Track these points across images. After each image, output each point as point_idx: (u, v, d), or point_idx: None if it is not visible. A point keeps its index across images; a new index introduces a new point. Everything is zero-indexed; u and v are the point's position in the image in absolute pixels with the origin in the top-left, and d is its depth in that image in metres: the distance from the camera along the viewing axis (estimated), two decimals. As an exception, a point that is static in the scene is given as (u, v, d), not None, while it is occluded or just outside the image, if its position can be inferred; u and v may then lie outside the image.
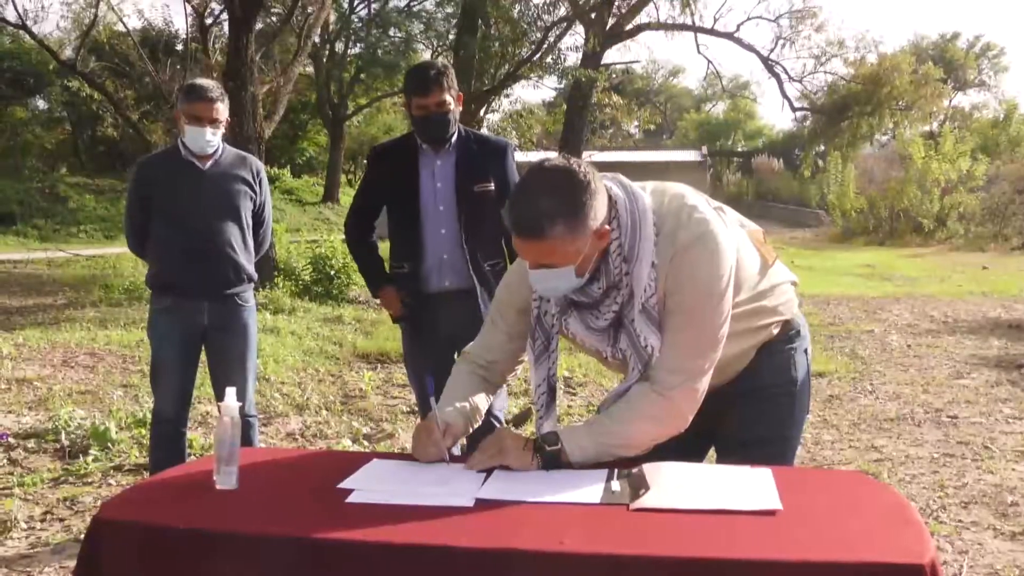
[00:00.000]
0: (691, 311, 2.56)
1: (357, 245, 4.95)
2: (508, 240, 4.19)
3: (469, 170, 4.50)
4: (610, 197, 2.56)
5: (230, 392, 2.50)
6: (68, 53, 23.76)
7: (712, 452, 3.09)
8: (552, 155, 2.61)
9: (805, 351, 2.95)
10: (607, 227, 2.52)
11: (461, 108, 4.52)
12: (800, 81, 31.33)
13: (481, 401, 2.92)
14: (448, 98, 4.37)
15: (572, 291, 2.61)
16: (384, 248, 4.83)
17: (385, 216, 4.80)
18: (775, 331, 2.85)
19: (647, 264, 2.54)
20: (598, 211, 2.48)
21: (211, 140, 4.69)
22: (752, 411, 2.85)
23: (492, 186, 4.51)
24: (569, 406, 7.79)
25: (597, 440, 2.60)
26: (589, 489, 2.42)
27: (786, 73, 27.71)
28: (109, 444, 6.34)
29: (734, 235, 2.70)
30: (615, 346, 2.66)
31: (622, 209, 2.56)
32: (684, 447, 2.72)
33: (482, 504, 2.33)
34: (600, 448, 2.60)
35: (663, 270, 2.55)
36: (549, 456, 2.58)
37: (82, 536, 4.69)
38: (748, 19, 29.00)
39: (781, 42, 28.08)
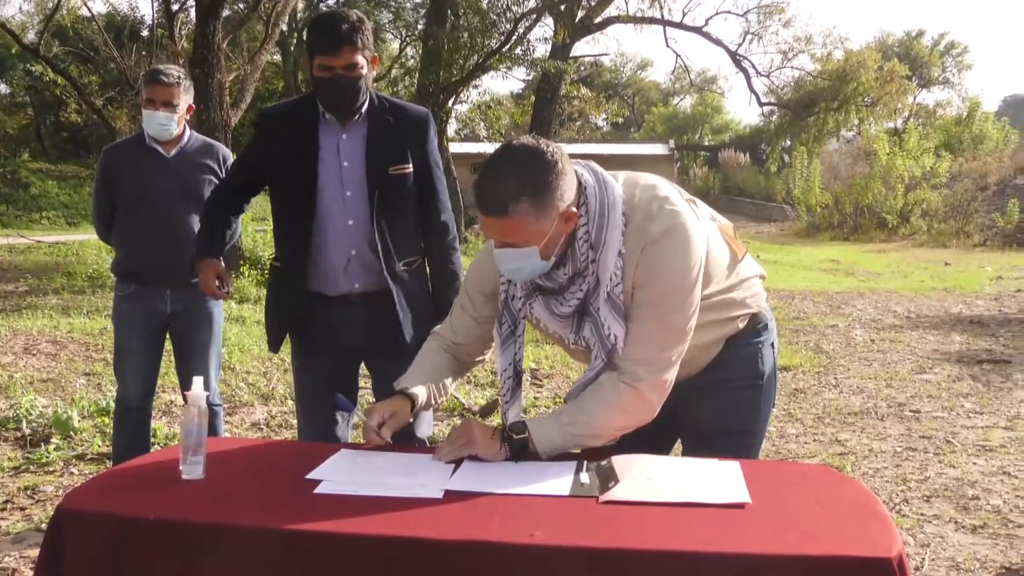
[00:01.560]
0: (660, 303, 2.56)
1: (213, 216, 4.11)
2: (430, 232, 3.84)
3: (383, 147, 3.65)
4: (580, 183, 2.57)
5: (197, 382, 2.48)
6: (31, 37, 23.50)
7: (678, 445, 3.11)
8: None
9: (772, 345, 2.96)
10: (574, 210, 2.52)
11: (375, 72, 3.73)
12: (767, 76, 31.56)
13: (448, 378, 2.94)
14: (361, 59, 3.49)
15: (538, 275, 2.61)
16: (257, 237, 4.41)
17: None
18: (742, 324, 2.86)
19: (614, 252, 2.54)
20: (565, 192, 2.49)
21: (165, 124, 4.66)
22: (718, 404, 2.86)
23: (410, 168, 3.70)
24: (536, 398, 7.79)
25: (565, 430, 2.61)
26: (558, 481, 2.43)
27: (754, 68, 27.98)
28: (71, 433, 6.30)
29: (705, 227, 2.71)
30: (578, 333, 2.67)
31: (591, 196, 2.57)
32: (650, 439, 2.73)
33: (451, 495, 2.33)
34: (567, 439, 2.61)
35: (632, 260, 2.55)
36: (517, 445, 2.58)
37: (43, 525, 4.68)
38: (717, 13, 29.39)
39: (749, 37, 28.31)
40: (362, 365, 3.94)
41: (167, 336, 4.93)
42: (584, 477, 2.46)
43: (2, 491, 5.32)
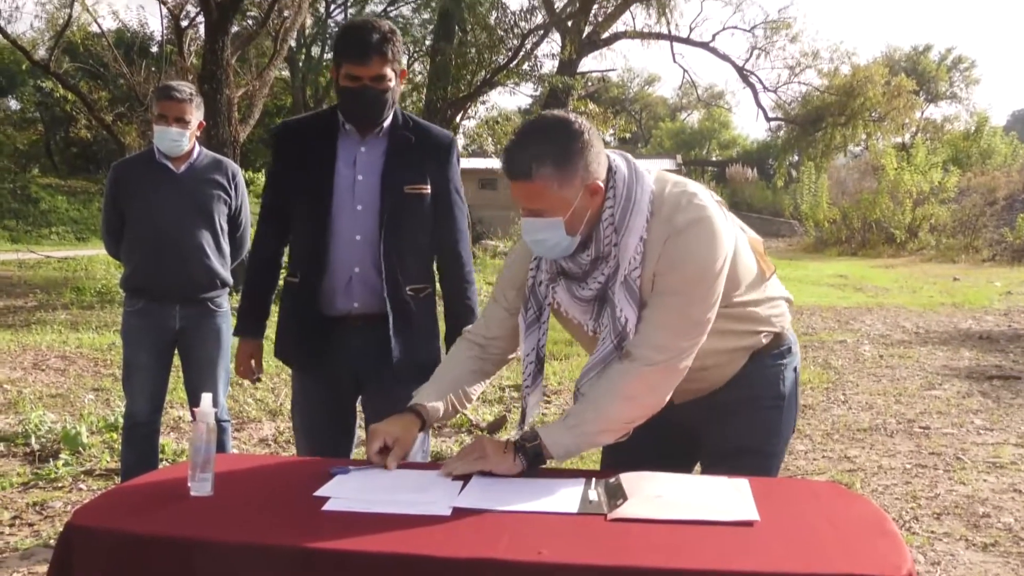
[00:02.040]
0: (680, 291, 2.56)
1: (264, 266, 3.82)
2: (444, 262, 3.69)
3: (401, 164, 3.49)
4: (611, 167, 2.60)
5: (206, 398, 2.48)
6: (41, 53, 23.69)
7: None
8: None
9: (795, 369, 2.94)
10: (600, 184, 2.55)
11: (402, 86, 3.58)
12: (775, 91, 31.64)
13: (472, 385, 2.94)
14: (390, 71, 3.37)
15: (563, 253, 2.61)
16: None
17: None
18: (765, 340, 2.85)
19: (636, 237, 2.56)
20: (591, 164, 2.53)
21: (177, 140, 4.68)
22: (740, 423, 2.84)
23: (428, 189, 3.53)
24: (543, 414, 7.78)
25: (574, 431, 2.60)
26: (567, 498, 2.41)
27: (761, 83, 28.03)
28: (80, 448, 6.29)
29: (733, 230, 2.71)
30: (597, 320, 2.67)
31: (619, 180, 2.59)
32: (671, 461, 2.72)
33: (459, 513, 2.32)
34: (579, 438, 2.60)
35: (654, 249, 2.56)
36: (531, 453, 2.57)
37: (52, 541, 4.68)
38: (723, 29, 29.36)
39: (756, 52, 28.38)
40: None
41: (176, 352, 4.92)
42: (592, 494, 2.44)
43: (11, 507, 5.31)
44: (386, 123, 3.51)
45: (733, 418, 2.82)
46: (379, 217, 3.45)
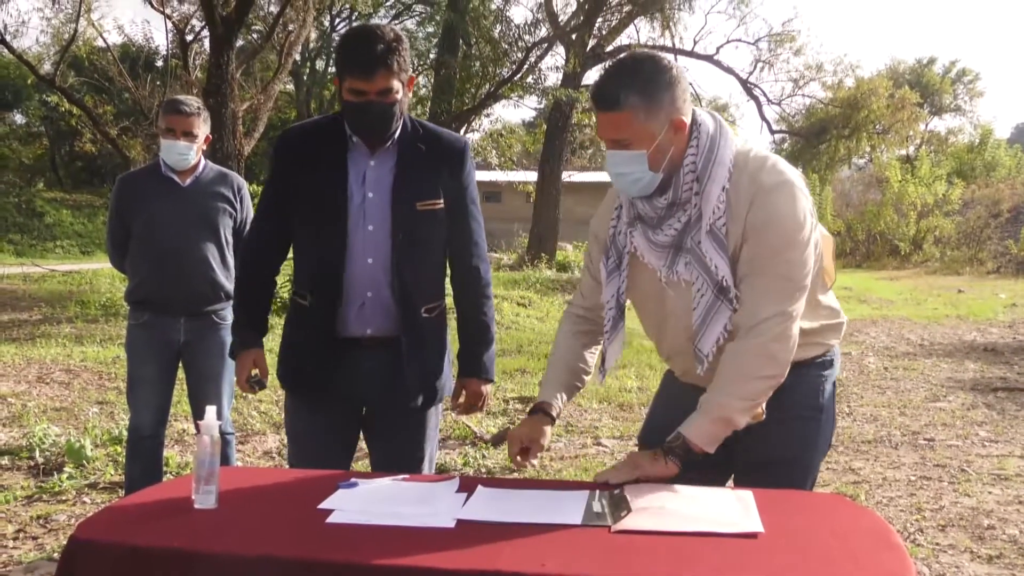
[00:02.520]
0: (777, 252, 2.60)
1: (250, 282, 3.52)
2: (460, 278, 3.50)
3: (413, 179, 3.27)
4: (695, 119, 2.65)
5: (210, 411, 2.49)
6: (47, 68, 23.93)
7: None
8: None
9: (834, 384, 2.94)
10: (685, 120, 2.60)
11: (411, 95, 3.29)
12: (779, 104, 31.67)
13: (586, 359, 3.09)
14: (397, 83, 3.12)
15: (643, 191, 2.66)
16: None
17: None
18: (812, 352, 2.85)
19: (718, 187, 2.60)
20: (677, 100, 2.59)
21: (184, 154, 4.70)
22: (776, 433, 2.81)
23: (441, 203, 3.31)
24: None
25: (714, 417, 2.64)
26: (571, 510, 2.42)
27: (765, 96, 28.04)
28: (84, 461, 6.28)
29: (813, 209, 2.74)
30: (671, 268, 2.71)
31: (703, 132, 2.65)
32: (706, 471, 2.72)
33: (463, 525, 2.32)
34: (718, 424, 2.64)
35: (740, 203, 2.60)
36: (679, 452, 2.63)
37: (55, 555, 4.69)
38: (728, 42, 29.52)
39: (760, 65, 28.40)
40: None
41: (180, 364, 4.93)
42: (596, 506, 2.45)
43: (15, 520, 5.31)
44: (395, 134, 3.28)
45: (768, 428, 2.78)
46: (391, 238, 3.24)
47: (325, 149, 3.26)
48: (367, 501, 2.50)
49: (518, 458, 2.92)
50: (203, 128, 4.76)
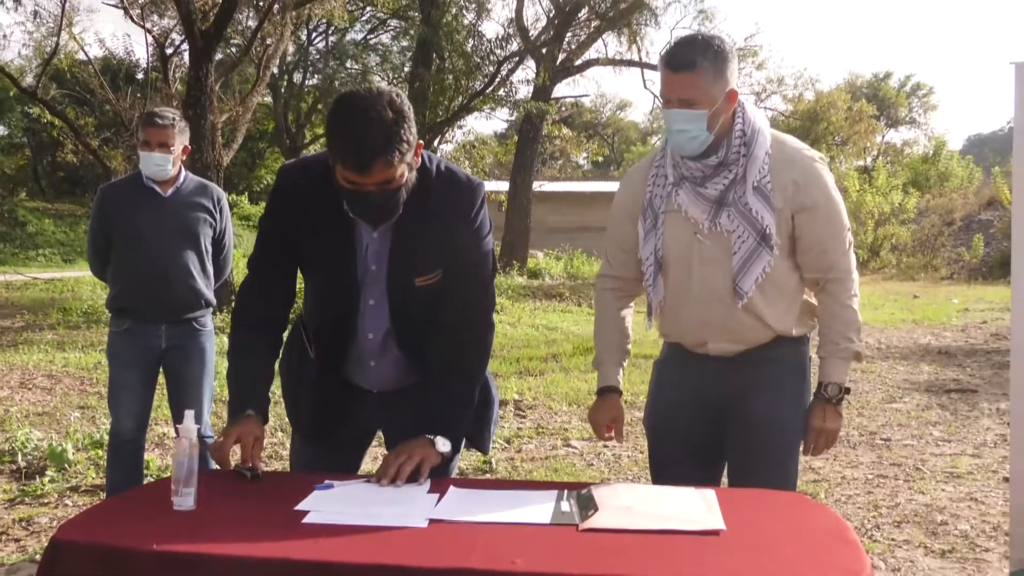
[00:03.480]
0: (829, 211, 3.09)
1: (243, 346, 3.02)
2: (458, 330, 3.02)
3: (413, 251, 2.89)
4: (740, 102, 3.06)
5: (189, 415, 2.52)
6: (29, 80, 23.78)
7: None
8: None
9: (810, 358, 3.38)
10: (737, 91, 3.01)
11: (419, 160, 2.82)
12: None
13: (628, 327, 3.49)
14: (400, 169, 2.66)
15: (696, 149, 3.02)
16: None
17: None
18: (805, 329, 3.30)
19: (763, 151, 3.02)
20: (734, 74, 3.00)
21: (161, 164, 4.75)
22: (774, 394, 3.20)
23: (440, 274, 2.92)
24: (519, 428, 7.94)
25: (848, 357, 3.21)
26: (540, 509, 2.47)
27: None
28: (66, 465, 6.33)
29: None
30: (714, 220, 3.05)
31: (747, 108, 3.07)
32: (707, 440, 3.27)
33: (436, 524, 2.37)
34: (852, 361, 3.24)
35: (789, 169, 3.04)
36: (840, 398, 3.23)
37: (37, 557, 4.63)
38: (693, 57, 29.54)
39: None
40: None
41: (160, 370, 4.97)
42: (565, 505, 2.51)
43: (-4, 523, 5.29)
44: None
45: (763, 391, 3.19)
46: (389, 313, 2.97)
47: (332, 210, 2.82)
48: (342, 502, 2.53)
49: (610, 436, 3.40)
50: (179, 139, 4.78)
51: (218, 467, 2.76)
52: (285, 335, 3.16)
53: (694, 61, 2.93)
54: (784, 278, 3.12)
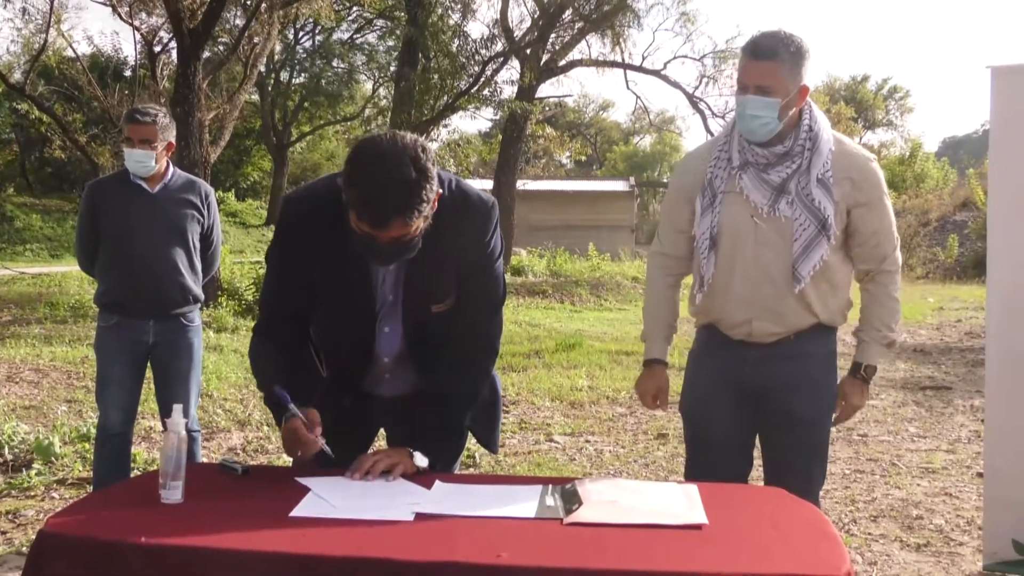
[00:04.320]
0: (883, 208, 3.32)
1: (267, 356, 3.00)
2: (467, 338, 2.99)
3: (429, 282, 2.87)
4: (809, 101, 3.26)
5: (177, 409, 2.52)
6: (17, 76, 23.69)
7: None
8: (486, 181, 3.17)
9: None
10: (809, 88, 3.21)
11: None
12: (723, 117, 31.91)
13: (676, 305, 3.65)
14: (418, 223, 2.59)
15: (766, 136, 3.21)
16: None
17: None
18: (839, 320, 3.48)
19: (827, 147, 3.22)
20: (807, 72, 3.19)
21: (142, 161, 4.73)
22: (809, 390, 3.41)
23: (453, 299, 2.91)
24: (502, 423, 8.05)
25: (884, 344, 3.44)
26: (525, 504, 2.49)
27: (710, 109, 28.23)
28: (53, 458, 6.33)
29: None
30: (773, 205, 3.23)
31: (814, 107, 3.28)
32: (743, 428, 3.48)
33: (421, 518, 2.38)
34: (888, 346, 3.46)
35: (849, 164, 3.25)
36: (870, 377, 3.49)
37: (24, 549, 4.68)
38: (675, 58, 29.60)
39: (705, 80, 28.57)
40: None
41: (148, 365, 4.98)
42: (549, 500, 2.53)
43: (-16, 515, 5.26)
44: None
45: (802, 388, 3.39)
46: (404, 339, 2.97)
47: (345, 242, 2.69)
48: (329, 496, 2.53)
49: (656, 405, 3.60)
50: (163, 136, 4.75)
51: (208, 462, 2.79)
52: None
53: (776, 51, 3.13)
54: (835, 269, 3.31)
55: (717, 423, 3.45)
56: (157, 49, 19.68)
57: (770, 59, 3.13)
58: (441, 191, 2.67)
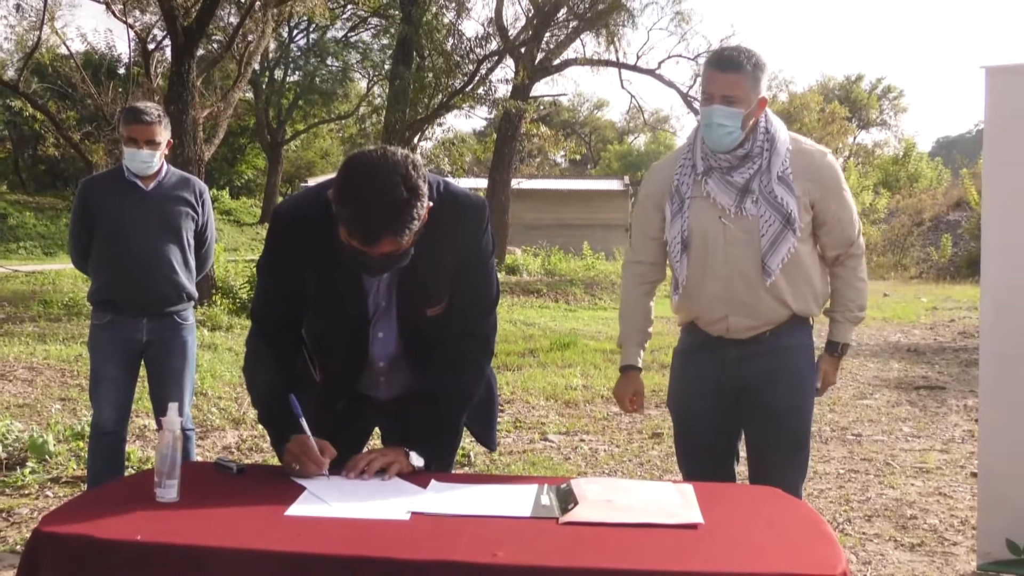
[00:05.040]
0: (844, 197, 3.46)
1: (264, 379, 3.00)
2: (464, 335, 3.00)
3: (423, 286, 2.87)
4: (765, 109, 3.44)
5: (172, 407, 2.52)
6: (10, 74, 23.74)
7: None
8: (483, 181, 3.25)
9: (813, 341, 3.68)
10: (767, 99, 3.38)
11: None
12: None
13: (651, 311, 3.80)
14: (408, 239, 2.59)
15: (729, 145, 3.36)
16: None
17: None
18: (816, 309, 3.59)
19: (784, 146, 3.39)
20: (765, 83, 3.37)
21: (148, 161, 4.74)
22: (791, 381, 3.53)
23: (448, 302, 2.93)
24: (497, 422, 8.13)
25: (853, 322, 3.60)
26: (520, 503, 2.50)
27: None
28: (47, 456, 6.32)
29: None
30: (739, 205, 3.38)
31: (771, 115, 3.44)
32: (726, 426, 3.62)
33: (417, 517, 2.38)
34: (857, 324, 3.63)
35: (800, 159, 3.40)
36: (843, 354, 3.63)
37: (18, 547, 4.70)
38: (669, 57, 29.66)
39: (699, 79, 28.67)
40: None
41: (142, 363, 4.97)
42: (544, 499, 2.54)
43: (-24, 514, 5.25)
44: None
45: (781, 381, 3.51)
46: (399, 343, 2.99)
47: (336, 251, 2.68)
48: (325, 495, 2.54)
49: (634, 408, 3.76)
50: (164, 134, 4.78)
51: (200, 460, 2.78)
52: None
53: (740, 63, 3.30)
54: (804, 260, 3.45)
55: (700, 418, 3.60)
56: (151, 47, 19.74)
57: (735, 71, 3.31)
58: (431, 199, 2.65)
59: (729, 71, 3.30)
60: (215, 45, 24.47)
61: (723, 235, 3.41)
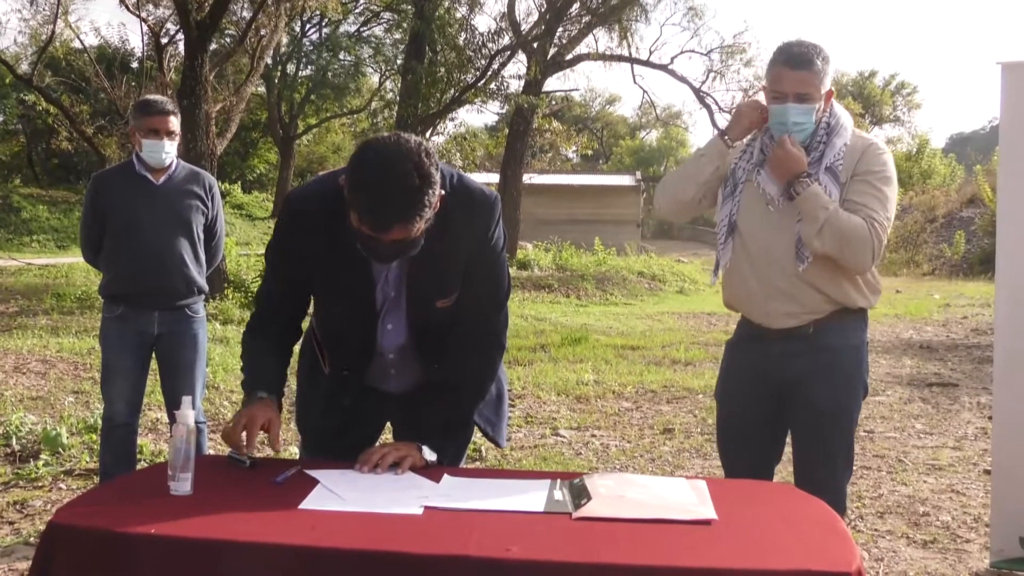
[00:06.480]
0: (880, 179, 3.36)
1: (256, 342, 3.06)
2: (474, 329, 2.99)
3: (432, 278, 2.86)
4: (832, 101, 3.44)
5: (186, 401, 2.53)
6: (24, 67, 23.84)
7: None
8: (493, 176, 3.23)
9: (867, 340, 3.62)
10: (833, 92, 3.41)
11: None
12: (730, 112, 32.04)
13: None
14: (419, 226, 2.58)
15: (804, 138, 3.37)
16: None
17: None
18: (863, 302, 3.50)
19: (842, 141, 3.38)
20: (830, 79, 3.37)
21: (170, 151, 4.79)
22: (832, 380, 3.46)
23: (458, 294, 2.90)
24: (508, 417, 8.07)
25: (825, 207, 3.29)
26: (533, 498, 2.50)
27: (716, 104, 28.17)
28: (60, 449, 6.36)
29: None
30: (787, 194, 3.37)
31: (837, 107, 3.44)
32: (770, 424, 3.60)
33: (431, 512, 2.38)
34: (818, 196, 3.30)
35: (854, 153, 3.37)
36: (805, 184, 3.34)
37: (32, 539, 4.73)
38: (682, 52, 29.68)
39: (712, 75, 28.49)
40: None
41: (153, 356, 4.99)
42: (558, 494, 2.53)
43: (-7, 505, 5.32)
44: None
45: (822, 380, 3.45)
46: (408, 333, 2.97)
47: (345, 240, 2.67)
48: (338, 488, 2.54)
49: None
50: (178, 126, 4.85)
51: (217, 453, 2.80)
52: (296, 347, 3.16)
53: (811, 60, 3.30)
54: None
55: (742, 411, 3.61)
56: (164, 41, 19.84)
57: (807, 68, 3.31)
58: (443, 190, 2.65)
59: (801, 69, 3.31)
60: (228, 39, 24.59)
61: (767, 221, 3.43)
